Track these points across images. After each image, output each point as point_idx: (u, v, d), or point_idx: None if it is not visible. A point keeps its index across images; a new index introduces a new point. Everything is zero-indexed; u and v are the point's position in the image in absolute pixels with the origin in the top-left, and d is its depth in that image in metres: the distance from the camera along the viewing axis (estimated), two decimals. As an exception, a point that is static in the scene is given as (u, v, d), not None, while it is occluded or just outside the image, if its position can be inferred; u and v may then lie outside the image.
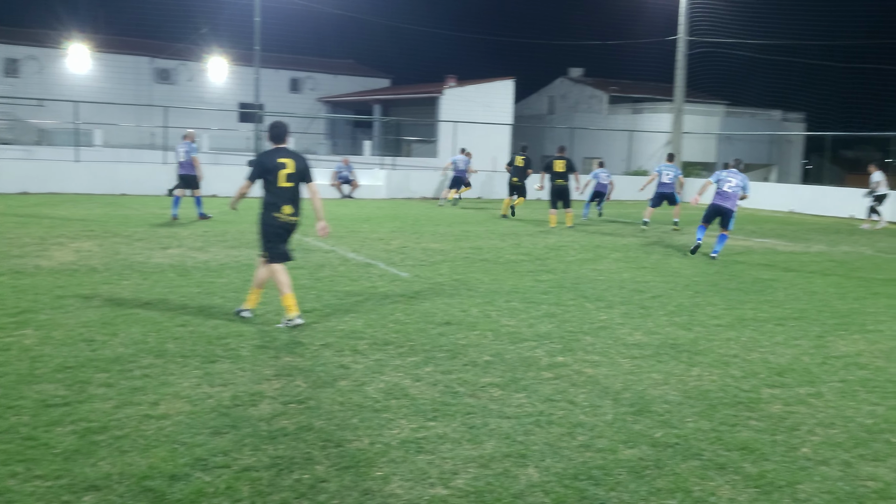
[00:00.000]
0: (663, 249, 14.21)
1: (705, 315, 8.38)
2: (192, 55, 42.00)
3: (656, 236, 16.57)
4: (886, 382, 6.08)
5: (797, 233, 18.97)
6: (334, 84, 48.75)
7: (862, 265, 13.08)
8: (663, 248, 14.49)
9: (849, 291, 10.24)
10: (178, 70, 43.66)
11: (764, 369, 6.32)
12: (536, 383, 5.69)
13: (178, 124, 28.70)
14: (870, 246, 16.43)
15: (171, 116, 27.22)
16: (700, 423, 5.00)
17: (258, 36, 27.77)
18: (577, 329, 7.48)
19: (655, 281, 10.53)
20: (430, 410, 5.01)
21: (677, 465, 4.31)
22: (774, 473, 4.24)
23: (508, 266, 11.34)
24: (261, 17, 27.48)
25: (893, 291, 10.38)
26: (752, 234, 17.92)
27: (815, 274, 11.80)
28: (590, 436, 4.69)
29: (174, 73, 43.56)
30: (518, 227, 17.64)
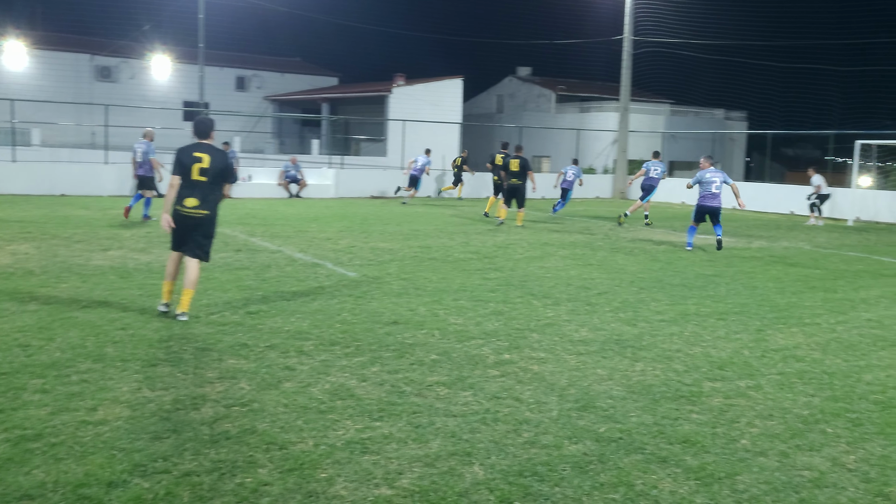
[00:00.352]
0: (610, 247, 14.39)
1: (650, 311, 8.51)
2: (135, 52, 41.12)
3: (602, 234, 16.77)
4: (822, 374, 6.25)
5: (739, 229, 19.39)
6: (281, 82, 48.24)
7: (800, 260, 13.43)
8: (610, 245, 14.68)
9: (787, 286, 10.50)
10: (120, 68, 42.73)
11: (705, 363, 6.45)
12: (483, 381, 5.71)
13: (120, 123, 28.08)
14: (808, 241, 16.89)
15: (113, 115, 26.62)
16: (643, 417, 5.08)
17: (202, 33, 27.35)
18: (523, 326, 7.52)
19: (601, 278, 10.65)
20: (375, 410, 4.99)
21: (620, 459, 4.37)
22: (714, 465, 4.32)
23: (457, 264, 11.37)
24: (205, 14, 27.06)
25: (830, 286, 10.68)
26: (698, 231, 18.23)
27: (756, 269, 12.08)
28: (535, 432, 4.73)
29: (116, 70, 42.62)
30: (467, 225, 17.69)
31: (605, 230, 17.57)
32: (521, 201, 18.03)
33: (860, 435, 4.90)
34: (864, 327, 8.04)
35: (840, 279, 11.28)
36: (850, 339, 7.48)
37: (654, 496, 3.92)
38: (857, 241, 17.37)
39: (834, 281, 11.09)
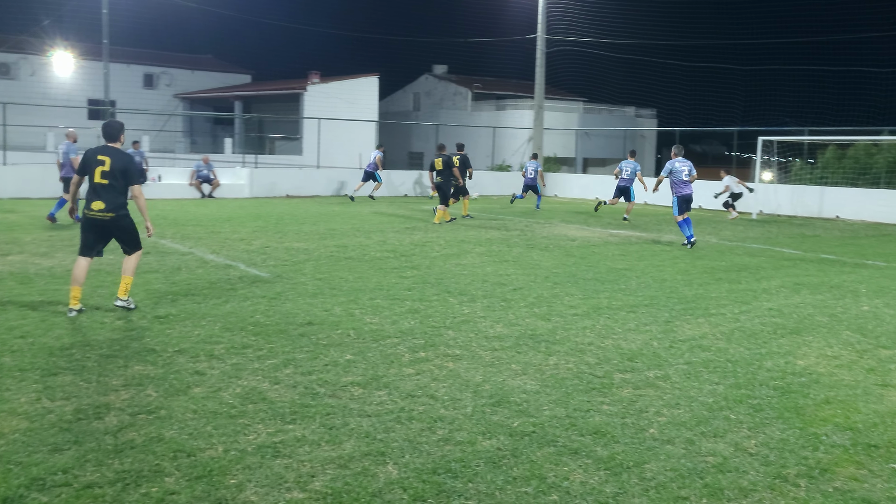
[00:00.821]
0: (525, 243, 14.58)
1: (563, 305, 8.66)
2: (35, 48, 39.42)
3: (518, 230, 16.98)
4: (727, 362, 6.48)
5: (650, 224, 19.93)
6: (192, 80, 47.07)
7: (707, 253, 13.90)
8: (525, 241, 14.87)
9: (695, 278, 10.85)
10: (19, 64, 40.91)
11: (616, 355, 6.60)
12: (398, 380, 5.70)
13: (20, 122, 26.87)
14: (715, 235, 17.49)
15: (12, 114, 25.44)
16: (556, 410, 5.16)
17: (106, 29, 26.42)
18: (439, 324, 7.55)
19: (517, 274, 10.78)
20: (288, 413, 4.91)
21: (533, 452, 4.42)
22: (624, 455, 4.43)
23: (373, 263, 11.32)
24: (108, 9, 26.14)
25: (734, 277, 11.08)
26: (609, 226, 18.69)
27: (666, 263, 12.43)
28: (449, 429, 4.74)
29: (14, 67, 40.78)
30: (384, 224, 17.64)
31: (521, 227, 17.79)
32: (443, 199, 18.29)
33: (761, 420, 5.10)
34: (765, 316, 8.38)
35: (744, 271, 11.72)
36: (752, 328, 7.78)
37: (565, 488, 3.98)
38: (759, 234, 18.09)
39: (738, 272, 11.52)
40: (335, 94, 39.12)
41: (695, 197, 22.97)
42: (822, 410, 5.32)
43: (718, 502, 3.88)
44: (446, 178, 18.32)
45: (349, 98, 39.45)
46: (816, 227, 20.39)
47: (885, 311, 8.84)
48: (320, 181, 27.91)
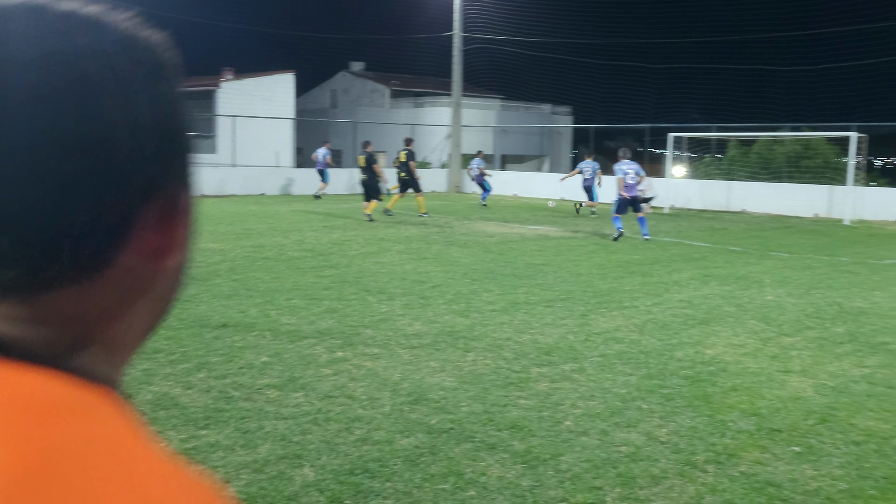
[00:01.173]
0: (444, 240, 14.63)
1: (481, 301, 8.73)
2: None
3: (438, 228, 17.03)
4: (639, 354, 6.65)
5: (566, 219, 20.29)
6: (99, 76, 45.47)
7: (621, 247, 14.24)
8: (444, 238, 14.93)
9: (609, 272, 11.10)
10: None
11: (533, 350, 6.69)
12: (315, 381, 5.63)
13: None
14: (628, 229, 17.91)
15: None
16: (474, 406, 5.19)
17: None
18: (358, 323, 7.50)
19: (436, 271, 10.81)
20: (201, 418, 4.80)
21: (451, 449, 4.44)
22: (540, 448, 4.49)
23: (291, 263, 11.17)
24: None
25: (647, 270, 11.38)
26: (526, 222, 18.94)
27: (582, 257, 12.68)
28: (367, 429, 4.72)
29: None
30: (303, 222, 17.43)
31: (440, 224, 17.85)
32: (368, 195, 18.50)
33: (672, 409, 5.25)
34: (676, 307, 8.63)
35: (656, 264, 12.05)
36: (664, 320, 8.00)
37: (482, 483, 4.01)
38: (671, 228, 18.64)
39: (651, 265, 11.83)
40: (250, 92, 38.41)
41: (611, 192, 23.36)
42: (730, 398, 5.51)
43: (631, 490, 3.98)
44: (370, 175, 18.44)
45: (265, 95, 38.80)
46: (724, 221, 21.12)
47: (787, 300, 9.23)
48: (236, 180, 27.38)
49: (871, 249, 14.84)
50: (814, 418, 5.11)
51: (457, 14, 33.26)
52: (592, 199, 21.50)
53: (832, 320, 8.14)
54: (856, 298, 9.38)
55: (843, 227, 19.91)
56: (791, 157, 28.59)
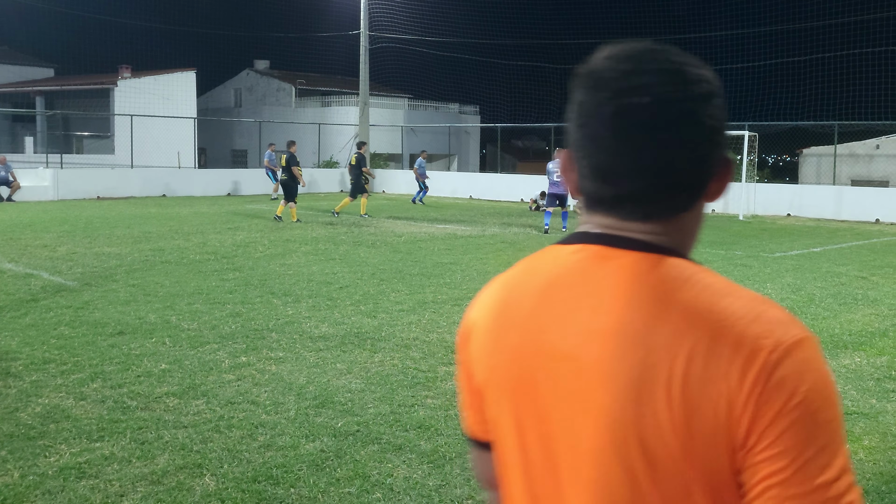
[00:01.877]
0: (352, 240, 14.53)
1: (389, 301, 8.70)
2: None
3: (346, 228, 16.90)
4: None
5: (475, 217, 20.47)
6: (-15, 73, 43.19)
7: (529, 244, 14.46)
8: (352, 239, 14.83)
9: (516, 269, 11.24)
10: None
11: (441, 348, 6.71)
12: (217, 387, 5.50)
13: None
14: (535, 227, 18.22)
15: None
16: (381, 407, 5.17)
17: None
18: (262, 326, 7.36)
19: (343, 272, 10.72)
20: (95, 430, 4.61)
21: (357, 451, 4.41)
22: (447, 447, 4.50)
23: (192, 266, 10.87)
24: None
25: (553, 267, 11.58)
26: (435, 221, 19.01)
27: (489, 255, 12.81)
28: (271, 434, 4.63)
29: None
30: (206, 224, 16.99)
31: (348, 224, 17.71)
32: (286, 195, 18.26)
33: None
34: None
35: (562, 260, 12.27)
36: (569, 316, 8.15)
37: (388, 484, 4.00)
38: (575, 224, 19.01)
39: (556, 262, 12.05)
40: (149, 90, 37.22)
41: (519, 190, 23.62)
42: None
43: (536, 485, 4.03)
44: (290, 175, 18.17)
45: (164, 93, 37.66)
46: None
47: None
48: (135, 181, 26.47)
49: (763, 243, 15.54)
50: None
51: (363, 13, 33.10)
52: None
53: (727, 312, 8.46)
54: (749, 290, 9.79)
55: (738, 222, 20.78)
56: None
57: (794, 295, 9.51)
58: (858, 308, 8.80)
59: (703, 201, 1.03)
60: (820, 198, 23.04)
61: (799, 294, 9.58)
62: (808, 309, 8.67)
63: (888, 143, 30.30)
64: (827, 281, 10.65)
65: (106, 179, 25.95)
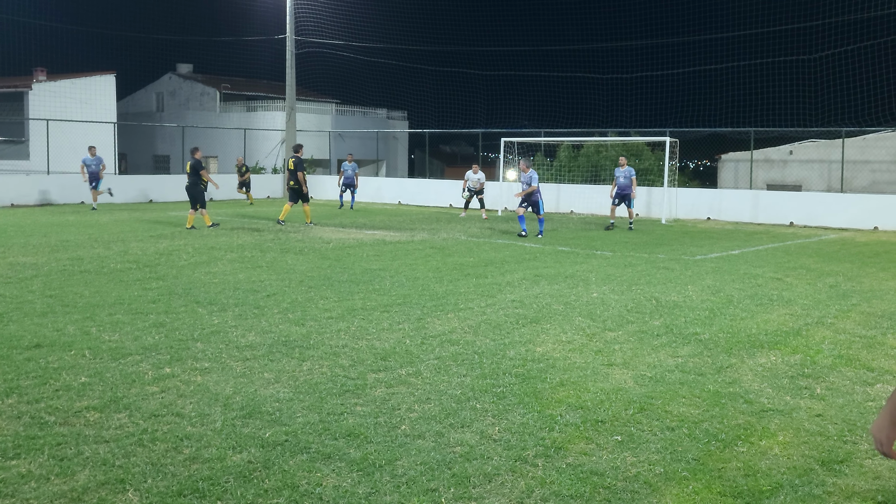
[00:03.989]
0: (280, 247, 14.37)
1: (318, 309, 8.64)
2: None
3: (273, 235, 16.69)
4: (474, 354, 6.82)
5: (404, 223, 20.47)
6: None
7: (457, 250, 14.54)
8: (280, 246, 14.65)
9: (445, 275, 11.31)
10: None
11: (370, 355, 6.70)
12: (140, 400, 5.36)
13: None
14: (464, 232, 18.34)
15: None
16: (309, 416, 5.13)
17: None
18: (187, 336, 7.21)
19: (270, 279, 10.59)
20: (10, 448, 4.44)
21: (286, 462, 4.37)
22: (376, 454, 4.50)
23: (113, 276, 10.57)
24: None
25: (481, 272, 11.69)
26: (364, 227, 18.94)
27: (418, 261, 12.84)
28: (197, 447, 4.55)
29: None
30: (127, 232, 16.55)
31: (275, 231, 17.49)
32: (193, 202, 17.94)
33: (504, 407, 5.42)
34: (509, 308, 8.92)
35: (490, 265, 12.40)
36: (497, 320, 8.25)
37: (318, 494, 3.97)
38: (504, 230, 19.24)
39: (485, 267, 12.17)
40: (66, 93, 36.04)
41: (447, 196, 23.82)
42: (558, 393, 5.76)
43: (465, 490, 4.07)
44: (193, 182, 17.85)
45: (82, 97, 36.52)
46: (555, 222, 22.06)
47: (611, 296, 9.77)
48: (52, 188, 25.60)
49: (684, 246, 16.00)
50: (634, 408, 5.44)
51: (289, 17, 32.78)
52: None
53: (650, 314, 8.70)
54: (671, 293, 10.08)
55: (661, 226, 21.34)
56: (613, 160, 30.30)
57: (713, 297, 9.82)
58: (774, 308, 9.15)
59: None
60: (738, 202, 23.86)
61: (718, 296, 9.90)
62: (727, 310, 8.97)
63: (801, 149, 31.60)
64: (745, 282, 11.03)
65: (20, 186, 25.02)
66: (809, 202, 22.95)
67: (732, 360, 6.76)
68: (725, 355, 6.93)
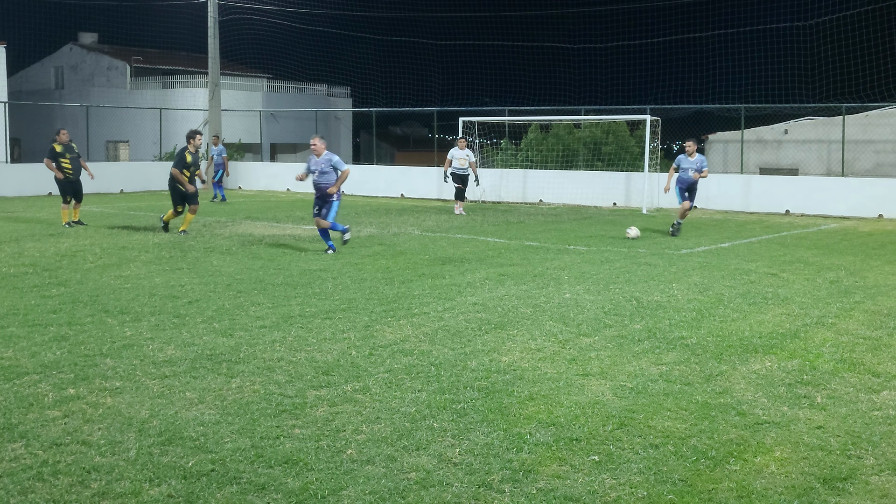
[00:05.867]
0: (203, 246, 14.22)
1: (249, 317, 8.57)
2: None
3: (196, 231, 16.51)
4: (430, 366, 6.83)
5: (348, 217, 20.34)
6: None
7: (410, 246, 14.55)
8: (204, 244, 14.50)
9: (396, 275, 11.30)
10: None
11: (310, 370, 6.67)
12: (39, 426, 5.27)
13: None
14: (417, 226, 18.35)
15: None
16: (239, 441, 5.09)
17: None
18: (94, 352, 7.11)
19: (193, 283, 10.48)
20: None
21: (212, 495, 4.32)
22: (318, 483, 4.48)
23: (6, 281, 10.37)
24: None
25: (438, 271, 11.71)
26: (301, 222, 18.84)
27: (365, 260, 12.81)
28: (107, 480, 4.48)
29: None
30: (21, 231, 16.24)
31: (198, 227, 17.30)
32: (78, 195, 17.82)
33: (465, 425, 5.43)
34: (469, 312, 8.95)
35: (448, 264, 12.43)
36: (456, 326, 8.27)
37: (250, 531, 3.94)
38: (463, 223, 19.31)
39: (442, 266, 12.19)
40: (-54, 68, 35.18)
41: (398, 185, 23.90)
42: (526, 408, 5.80)
43: (421, 522, 4.07)
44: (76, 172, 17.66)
45: (-34, 73, 35.70)
46: (521, 213, 22.21)
47: (585, 297, 9.86)
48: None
49: (668, 239, 16.22)
50: (612, 423, 5.49)
51: (210, -22, 32.42)
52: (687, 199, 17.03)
53: (630, 316, 8.80)
54: (654, 292, 10.21)
55: (642, 217, 21.60)
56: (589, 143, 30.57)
57: (701, 296, 9.97)
58: (769, 308, 9.32)
59: None
60: (727, 187, 24.24)
61: (707, 294, 10.06)
62: (717, 310, 9.12)
63: (797, 128, 32.20)
64: (736, 279, 11.23)
65: None
66: (807, 187, 23.43)
67: (723, 367, 6.87)
68: (715, 362, 7.04)
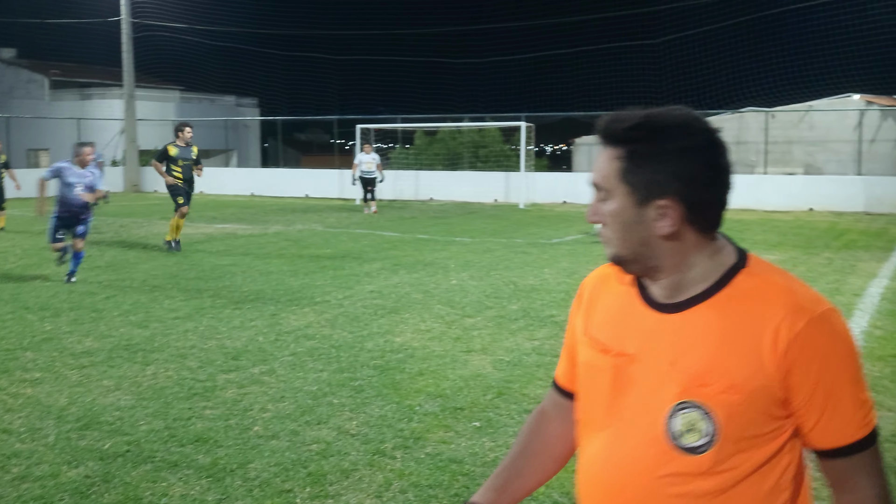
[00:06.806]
0: (120, 244, 13.70)
1: (163, 309, 8.31)
2: None
3: (112, 231, 15.90)
4: (331, 348, 6.76)
5: (256, 216, 20.02)
6: None
7: (313, 241, 14.37)
8: (119, 242, 13.98)
9: (301, 268, 11.15)
10: None
11: (221, 356, 6.51)
12: (-40, 418, 4.98)
13: None
14: (321, 223, 18.15)
15: None
16: (154, 423, 4.93)
17: None
18: (15, 346, 6.77)
19: (110, 279, 10.09)
20: None
21: (128, 473, 4.18)
22: (227, 458, 4.39)
23: (-73, 283, 9.76)
24: None
25: (339, 264, 11.60)
26: (214, 221, 18.38)
27: (272, 254, 12.59)
28: (27, 464, 4.28)
29: None
30: (-57, 235, 15.30)
31: (115, 227, 16.66)
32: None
33: (362, 400, 5.41)
34: (367, 299, 8.90)
35: (347, 256, 12.33)
36: (355, 312, 8.21)
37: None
38: (363, 219, 19.19)
39: (342, 259, 12.08)
40: None
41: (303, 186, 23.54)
42: (416, 382, 5.81)
43: (321, 488, 4.04)
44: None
45: None
46: (413, 210, 22.21)
47: (470, 283, 9.94)
48: None
49: (541, 230, 16.51)
50: (492, 393, 5.56)
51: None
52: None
53: (508, 299, 8.92)
54: (528, 277, 10.38)
55: (519, 211, 21.92)
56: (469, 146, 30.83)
57: (568, 279, 10.18)
58: (625, 288, 9.57)
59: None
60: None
61: (573, 278, 10.27)
62: (582, 291, 9.31)
63: (649, 132, 33.20)
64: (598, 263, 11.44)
65: None
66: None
67: (587, 340, 7.03)
68: (580, 336, 7.19)
